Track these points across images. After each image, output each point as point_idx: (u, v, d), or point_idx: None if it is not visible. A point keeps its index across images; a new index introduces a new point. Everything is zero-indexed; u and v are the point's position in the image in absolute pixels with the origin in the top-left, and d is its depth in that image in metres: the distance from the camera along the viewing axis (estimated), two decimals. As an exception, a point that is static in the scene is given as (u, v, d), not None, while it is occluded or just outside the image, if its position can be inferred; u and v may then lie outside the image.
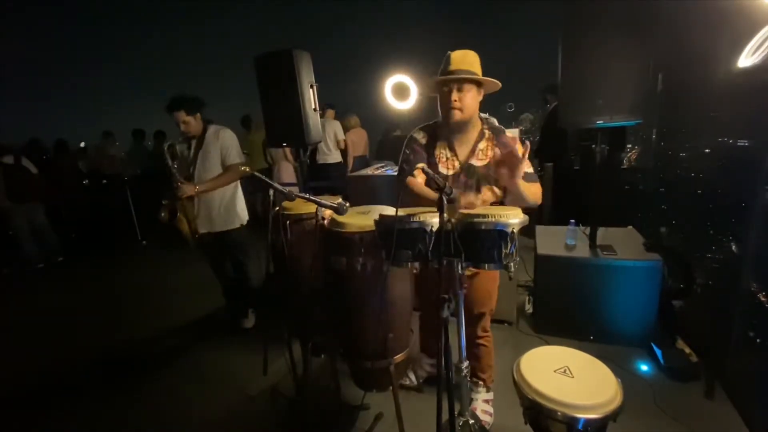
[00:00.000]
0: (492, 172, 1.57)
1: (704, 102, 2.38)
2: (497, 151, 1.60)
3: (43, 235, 5.05)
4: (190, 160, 2.62)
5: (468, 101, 1.53)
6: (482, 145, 1.62)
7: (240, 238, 2.80)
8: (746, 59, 1.89)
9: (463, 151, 1.64)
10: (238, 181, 2.76)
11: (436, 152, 1.68)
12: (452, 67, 1.53)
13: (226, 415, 2.10)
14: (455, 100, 1.52)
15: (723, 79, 2.11)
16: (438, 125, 1.71)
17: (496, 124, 1.69)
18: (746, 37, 1.85)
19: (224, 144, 2.61)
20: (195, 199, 2.62)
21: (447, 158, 1.66)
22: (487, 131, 1.64)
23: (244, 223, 2.81)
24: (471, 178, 1.61)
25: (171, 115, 2.48)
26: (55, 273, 4.94)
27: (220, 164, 2.63)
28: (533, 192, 1.49)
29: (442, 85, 1.56)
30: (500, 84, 1.58)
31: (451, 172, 1.63)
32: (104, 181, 6.26)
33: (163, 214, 2.57)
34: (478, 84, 1.57)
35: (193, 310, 3.37)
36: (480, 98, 1.61)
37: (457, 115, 1.54)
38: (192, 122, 2.53)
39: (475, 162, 1.62)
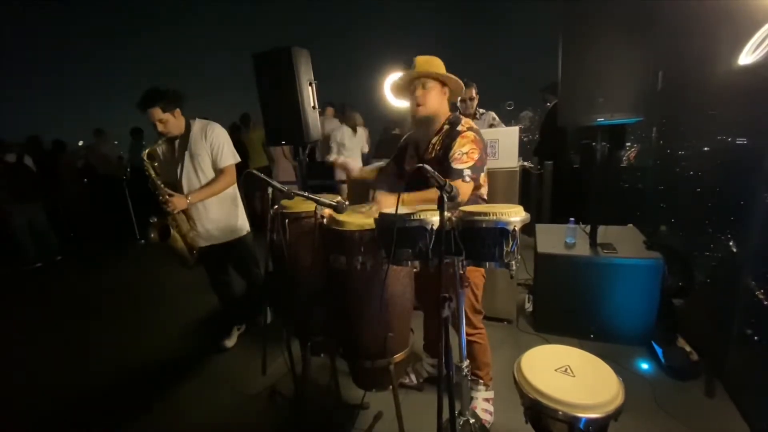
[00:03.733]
0: (435, 165, 1.58)
1: (704, 100, 2.37)
2: (445, 142, 1.63)
3: (42, 234, 5.04)
4: (175, 164, 2.29)
5: (430, 98, 1.65)
6: (435, 140, 1.69)
7: (248, 247, 2.56)
8: (746, 57, 1.89)
9: (421, 149, 1.75)
10: (236, 184, 2.44)
11: (408, 152, 1.83)
12: (416, 69, 1.64)
13: (226, 415, 2.09)
14: (418, 96, 1.64)
15: (723, 78, 2.11)
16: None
17: (462, 119, 1.67)
18: (746, 34, 1.85)
19: (214, 142, 2.28)
20: (191, 210, 2.32)
21: (411, 156, 1.80)
22: (446, 127, 1.68)
23: (249, 229, 2.55)
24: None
25: (145, 113, 2.13)
26: (53, 272, 4.93)
27: (212, 166, 2.32)
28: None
29: (409, 86, 1.69)
30: (461, 82, 1.69)
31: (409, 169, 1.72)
32: (100, 179, 6.23)
33: (152, 235, 2.20)
34: (442, 84, 1.68)
35: (191, 309, 3.36)
36: (445, 97, 1.70)
37: (420, 111, 1.65)
38: (171, 120, 2.18)
39: (426, 157, 1.69)
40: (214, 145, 2.30)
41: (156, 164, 2.27)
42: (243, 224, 2.52)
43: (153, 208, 2.24)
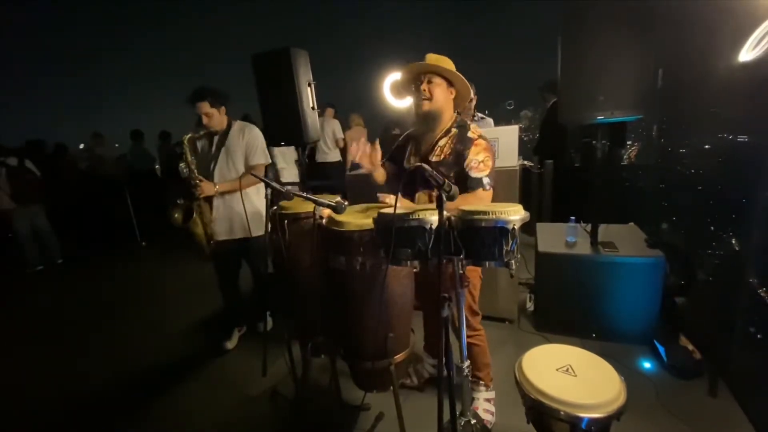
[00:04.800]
0: (444, 169, 1.59)
1: (704, 98, 2.37)
2: (456, 147, 1.60)
3: (43, 237, 5.04)
4: (211, 157, 2.44)
5: (437, 93, 1.60)
6: (442, 142, 1.65)
7: (264, 246, 2.55)
8: (747, 54, 1.88)
9: (425, 149, 1.70)
10: (263, 183, 2.58)
11: (408, 149, 1.79)
12: (425, 62, 1.60)
13: (227, 416, 2.09)
14: (424, 90, 1.60)
15: (723, 75, 2.10)
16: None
17: (470, 124, 1.66)
18: (747, 31, 1.84)
19: (250, 142, 2.46)
20: (214, 202, 2.43)
21: (411, 155, 1.75)
22: (453, 129, 1.65)
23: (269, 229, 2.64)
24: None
25: (193, 106, 2.33)
26: (55, 275, 4.93)
27: (244, 164, 2.47)
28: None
29: (415, 80, 1.63)
30: (468, 84, 1.64)
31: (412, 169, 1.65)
32: (99, 181, 6.24)
33: (176, 215, 2.34)
34: (449, 83, 1.64)
35: (192, 311, 3.36)
36: (451, 97, 1.66)
37: (425, 105, 1.61)
38: (215, 115, 2.37)
39: (432, 158, 1.64)
40: (250, 144, 2.47)
41: (193, 148, 2.41)
42: (263, 223, 2.51)
43: (159, 204, 2.26)
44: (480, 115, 3.35)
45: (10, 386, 2.58)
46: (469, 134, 1.60)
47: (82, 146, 7.71)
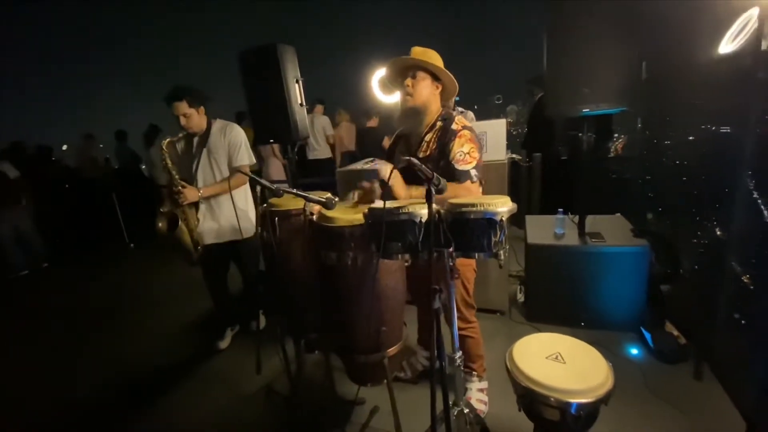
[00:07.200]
0: (431, 164, 1.55)
1: (687, 90, 2.40)
2: (440, 141, 1.59)
3: (28, 241, 4.94)
4: (192, 158, 2.34)
5: (419, 89, 1.60)
6: (428, 137, 1.65)
7: (254, 247, 2.48)
8: (726, 46, 1.91)
9: (413, 145, 1.70)
10: (248, 184, 2.45)
11: (398, 148, 1.81)
12: (408, 57, 1.59)
13: (222, 415, 2.09)
14: (407, 85, 1.60)
15: (705, 67, 2.13)
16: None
17: (454, 117, 1.63)
18: (727, 23, 1.87)
19: (232, 142, 2.34)
20: (200, 206, 2.34)
21: (401, 152, 1.75)
22: (438, 123, 1.64)
23: (257, 230, 2.50)
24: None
25: (170, 106, 2.19)
26: (41, 280, 4.84)
27: (228, 164, 2.37)
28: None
29: (400, 75, 1.64)
30: (454, 78, 1.63)
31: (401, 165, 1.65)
32: (87, 183, 6.13)
33: (160, 225, 2.22)
34: (435, 77, 1.63)
35: (184, 311, 3.33)
36: (437, 91, 1.65)
37: (408, 101, 1.62)
38: (194, 116, 2.24)
39: (420, 154, 1.64)
40: (232, 144, 2.35)
41: (172, 153, 2.30)
42: (252, 224, 2.52)
43: (147, 205, 2.22)
44: (460, 109, 3.33)
45: (2, 391, 2.55)
46: (453, 126, 1.58)
47: (64, 147, 7.57)
